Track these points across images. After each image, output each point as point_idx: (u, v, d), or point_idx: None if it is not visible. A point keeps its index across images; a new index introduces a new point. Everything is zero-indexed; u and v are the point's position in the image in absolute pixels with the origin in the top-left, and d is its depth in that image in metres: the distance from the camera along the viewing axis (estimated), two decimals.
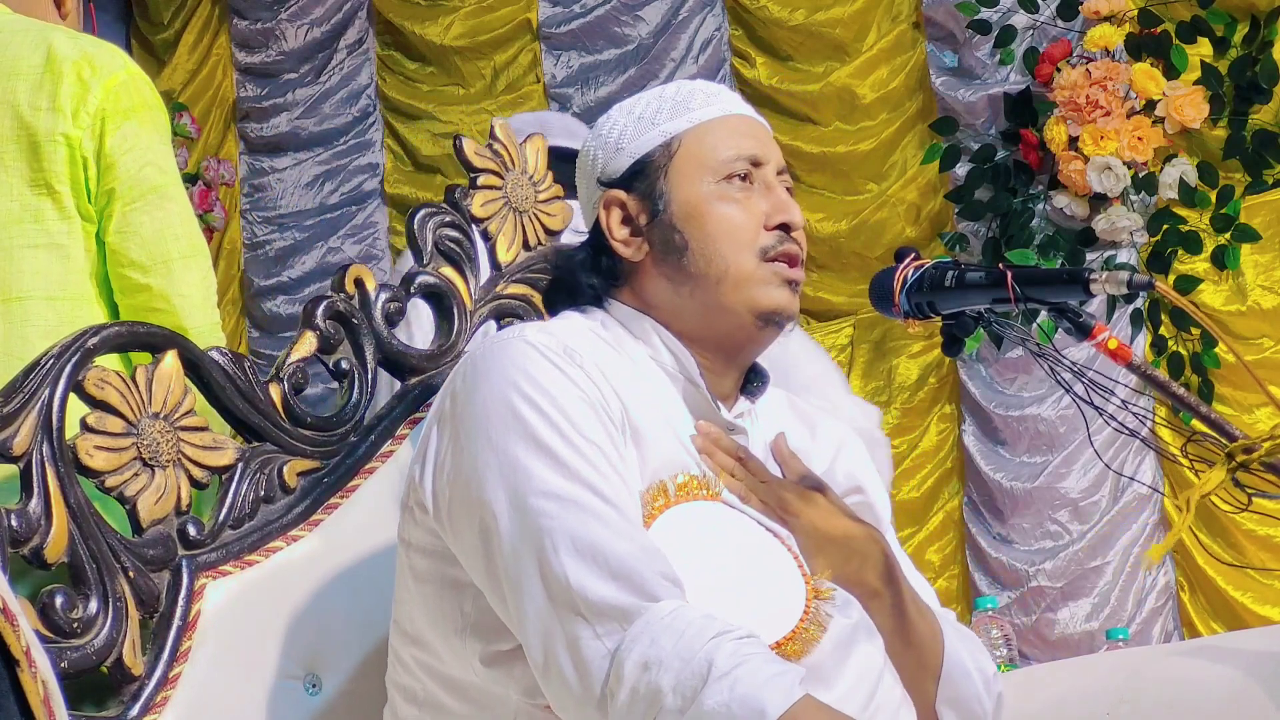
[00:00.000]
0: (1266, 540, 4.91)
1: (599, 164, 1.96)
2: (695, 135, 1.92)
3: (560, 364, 1.79)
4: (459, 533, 1.78)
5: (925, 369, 5.48)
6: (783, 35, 5.73)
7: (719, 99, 1.96)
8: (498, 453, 1.74)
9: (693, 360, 1.89)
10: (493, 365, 1.80)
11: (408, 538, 1.86)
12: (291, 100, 6.46)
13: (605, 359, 1.84)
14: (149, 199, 2.29)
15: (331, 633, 2.06)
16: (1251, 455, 1.66)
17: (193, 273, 2.31)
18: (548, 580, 1.67)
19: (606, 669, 1.63)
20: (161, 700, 1.90)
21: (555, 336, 1.82)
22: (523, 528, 1.70)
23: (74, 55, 2.28)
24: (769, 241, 1.88)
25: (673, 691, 1.59)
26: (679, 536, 1.76)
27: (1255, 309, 5.03)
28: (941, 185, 5.49)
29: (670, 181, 1.91)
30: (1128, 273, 1.75)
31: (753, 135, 1.94)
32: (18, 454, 1.82)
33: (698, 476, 1.82)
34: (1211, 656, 2.07)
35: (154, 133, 2.32)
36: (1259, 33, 5.05)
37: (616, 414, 1.79)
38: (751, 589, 1.78)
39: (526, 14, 6.11)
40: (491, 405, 1.77)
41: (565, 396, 1.76)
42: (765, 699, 1.57)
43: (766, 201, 1.90)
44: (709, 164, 1.90)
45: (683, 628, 1.62)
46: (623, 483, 1.74)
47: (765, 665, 1.60)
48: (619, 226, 1.93)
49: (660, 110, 1.94)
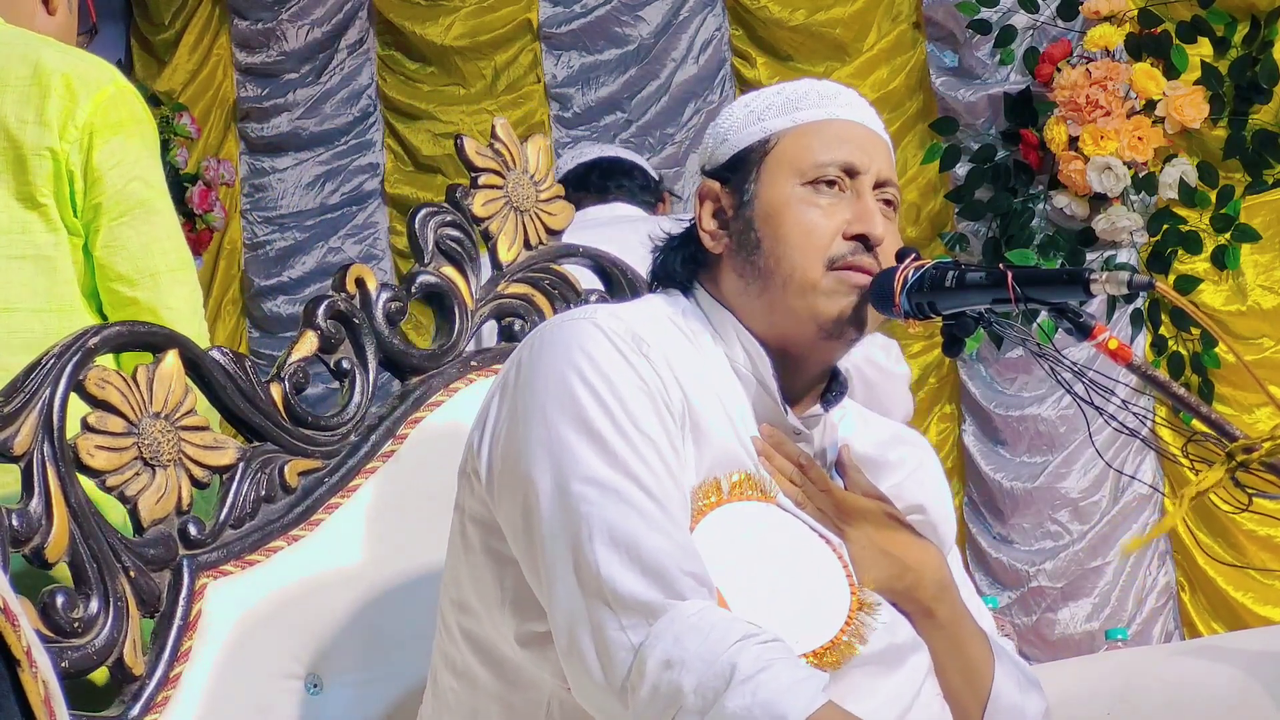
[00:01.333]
0: (1267, 540, 4.91)
1: (706, 151, 1.96)
2: (795, 135, 1.90)
3: (625, 351, 1.78)
4: (503, 505, 1.78)
5: (925, 369, 5.48)
6: (783, 35, 5.74)
7: (833, 102, 1.92)
8: (549, 431, 1.74)
9: (767, 360, 1.87)
10: (559, 343, 1.79)
11: (463, 504, 1.86)
12: (292, 100, 6.46)
13: (675, 349, 1.83)
14: (135, 213, 2.29)
15: (332, 633, 2.06)
16: (1251, 455, 1.66)
17: (180, 286, 2.30)
18: (579, 566, 1.67)
19: (629, 662, 1.63)
20: (162, 700, 1.90)
21: (625, 322, 1.81)
22: (563, 510, 1.70)
23: (62, 69, 2.28)
24: (841, 250, 1.85)
25: (694, 692, 1.59)
26: (725, 534, 1.75)
27: (1255, 309, 5.03)
28: (941, 185, 5.49)
29: (761, 179, 1.89)
30: (1128, 273, 1.75)
31: (855, 142, 1.90)
32: (18, 454, 1.82)
33: (754, 477, 1.81)
34: (1212, 656, 2.07)
35: (142, 147, 2.32)
36: (1259, 33, 5.05)
37: (677, 407, 1.78)
38: (791, 594, 1.77)
39: (527, 14, 6.11)
40: (551, 384, 1.76)
41: (625, 384, 1.76)
42: (787, 705, 1.56)
43: (851, 210, 1.87)
44: (800, 166, 1.88)
45: (708, 629, 1.61)
46: (670, 478, 1.74)
47: (789, 671, 1.59)
48: (709, 217, 1.92)
49: (770, 106, 1.92)
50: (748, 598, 1.71)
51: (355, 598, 2.09)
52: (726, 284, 1.91)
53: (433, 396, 2.22)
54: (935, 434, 5.45)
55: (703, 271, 1.93)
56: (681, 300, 1.93)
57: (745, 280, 1.88)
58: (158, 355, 1.97)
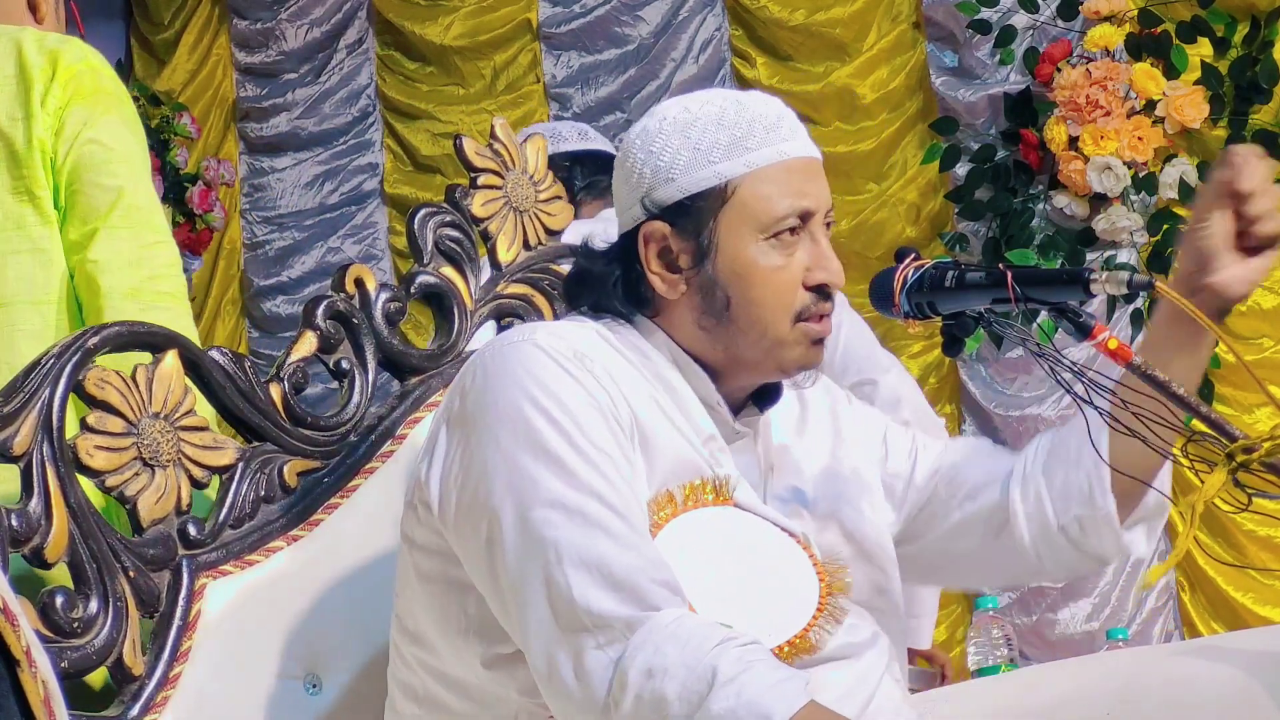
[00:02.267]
0: (1267, 540, 4.91)
1: (645, 183, 1.89)
2: (750, 184, 1.86)
3: (571, 369, 1.78)
4: (464, 537, 1.78)
5: (925, 369, 5.48)
6: (783, 35, 5.74)
7: (777, 134, 1.88)
8: (506, 460, 1.74)
9: (708, 381, 1.88)
10: (503, 368, 1.79)
11: (411, 535, 1.86)
12: (291, 100, 6.46)
13: (615, 364, 1.84)
14: (85, 178, 2.27)
15: (331, 633, 2.06)
16: (1252, 455, 1.65)
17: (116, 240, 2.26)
18: (551, 591, 1.68)
19: (610, 678, 1.63)
20: (162, 700, 1.90)
21: (565, 340, 1.82)
22: (527, 537, 1.70)
23: (40, 60, 2.28)
24: (805, 303, 1.86)
25: (678, 698, 1.59)
26: (684, 545, 1.76)
27: (1255, 309, 5.03)
28: (941, 185, 5.49)
29: (720, 231, 1.86)
30: (1128, 273, 1.75)
31: (808, 183, 1.89)
32: (18, 454, 1.82)
33: (708, 480, 1.82)
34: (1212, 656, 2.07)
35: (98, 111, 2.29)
36: (1259, 33, 5.06)
37: (625, 420, 1.79)
38: (759, 590, 1.78)
39: (526, 14, 6.11)
40: (501, 410, 1.76)
41: (575, 403, 1.76)
42: (771, 704, 1.57)
43: (809, 255, 1.87)
44: (762, 221, 1.85)
45: (686, 635, 1.62)
46: (630, 491, 1.74)
47: (770, 671, 1.61)
48: (656, 259, 1.89)
49: (717, 145, 1.86)
50: (715, 601, 1.72)
51: (355, 598, 2.08)
52: (678, 325, 1.89)
53: (432, 397, 2.22)
54: None
55: (643, 310, 1.91)
56: (617, 326, 1.91)
57: (706, 331, 1.88)
58: (157, 355, 1.97)
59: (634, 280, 1.90)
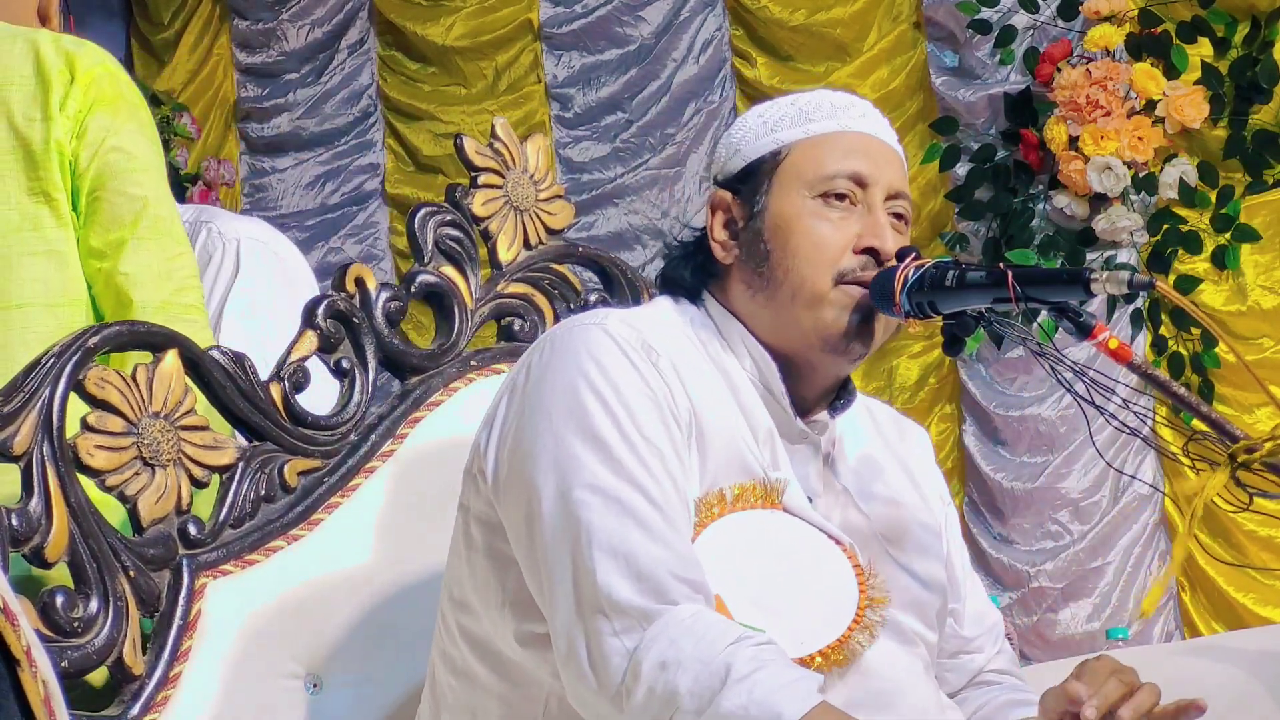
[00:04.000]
0: (1267, 540, 4.91)
1: (720, 161, 1.96)
2: (805, 147, 1.89)
3: (634, 359, 1.79)
4: (508, 508, 1.79)
5: (925, 369, 5.48)
6: (783, 35, 5.74)
7: (846, 113, 1.92)
8: (555, 437, 1.75)
9: (774, 368, 1.88)
10: (569, 348, 1.80)
11: (468, 504, 1.87)
12: (292, 100, 6.46)
13: (684, 357, 1.84)
14: (109, 186, 2.27)
15: (332, 633, 2.06)
16: (1253, 455, 1.66)
17: (144, 253, 2.27)
18: (577, 572, 1.68)
19: (624, 666, 1.64)
20: (162, 700, 1.90)
21: (636, 329, 1.82)
22: (564, 516, 1.71)
23: (58, 61, 2.28)
24: (850, 264, 1.85)
25: (690, 693, 1.60)
26: (728, 544, 1.76)
27: (1255, 309, 5.03)
28: (941, 185, 5.49)
29: (772, 191, 1.89)
30: (1128, 273, 1.75)
31: (866, 154, 1.90)
32: (18, 453, 1.82)
33: (759, 483, 1.81)
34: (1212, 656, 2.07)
35: (124, 120, 2.29)
36: (1259, 33, 5.05)
37: (684, 415, 1.79)
38: (798, 595, 1.77)
39: (528, 14, 6.12)
40: (559, 389, 1.77)
41: (632, 392, 1.77)
42: (782, 703, 1.57)
43: (861, 224, 1.87)
44: (810, 178, 1.88)
45: (702, 631, 1.63)
46: (674, 486, 1.74)
47: (783, 671, 1.61)
48: (720, 228, 1.92)
49: (783, 117, 1.92)
50: (751, 605, 1.72)
51: (355, 597, 2.08)
52: (735, 294, 1.91)
53: (432, 396, 2.22)
54: (935, 434, 5.44)
55: (712, 281, 1.93)
56: (690, 308, 1.93)
57: (753, 290, 1.89)
58: (157, 355, 1.97)
59: (701, 251, 1.94)
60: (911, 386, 5.49)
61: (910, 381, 5.49)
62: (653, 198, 5.91)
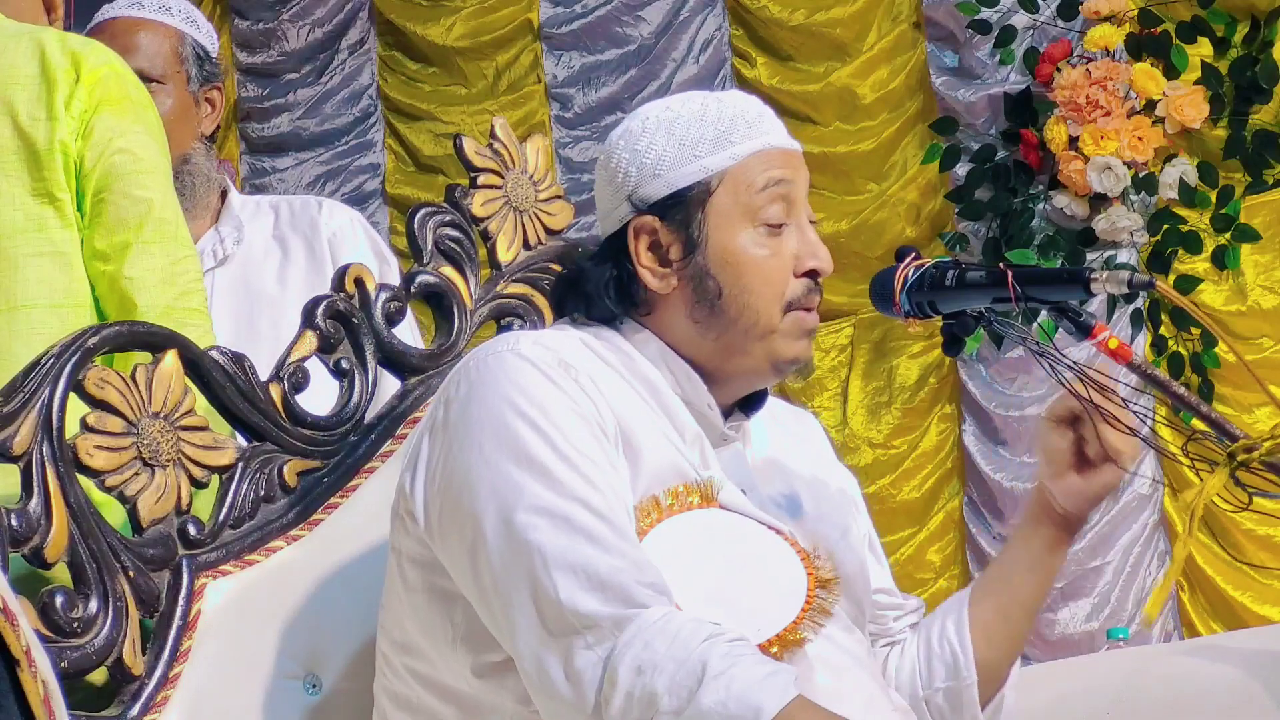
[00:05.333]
0: (1266, 540, 4.92)
1: (630, 181, 1.91)
2: (735, 175, 1.88)
3: (555, 377, 1.79)
4: (448, 545, 1.78)
5: (925, 369, 5.48)
6: (783, 35, 5.74)
7: (759, 127, 1.92)
8: (489, 466, 1.74)
9: (698, 381, 1.89)
10: (487, 378, 1.80)
11: (399, 546, 1.86)
12: (293, 100, 6.46)
13: (601, 371, 1.84)
14: (114, 188, 2.27)
15: (331, 632, 2.06)
16: (1252, 455, 1.66)
17: (149, 257, 2.27)
18: (538, 595, 1.68)
19: (599, 676, 1.64)
20: (162, 700, 1.90)
21: (550, 350, 1.82)
22: (511, 542, 1.71)
23: (64, 61, 2.28)
24: (797, 292, 1.87)
25: (668, 693, 1.60)
26: (672, 548, 1.77)
27: (1255, 309, 5.03)
28: (941, 185, 5.50)
29: (709, 221, 1.88)
30: (1128, 272, 1.75)
31: (789, 172, 1.90)
32: (18, 454, 1.82)
33: (693, 484, 1.82)
34: (1212, 656, 2.07)
35: (130, 121, 2.29)
36: (1259, 33, 5.06)
37: (610, 427, 1.80)
38: (746, 587, 1.78)
39: (528, 14, 6.12)
40: (485, 419, 1.77)
41: (559, 411, 1.77)
42: (761, 697, 1.58)
43: (797, 243, 1.89)
44: (746, 208, 1.87)
45: (675, 631, 1.63)
46: (615, 496, 1.75)
47: (759, 665, 1.62)
48: (647, 254, 1.90)
49: (702, 140, 1.89)
50: (704, 602, 1.73)
51: (355, 598, 2.08)
52: (670, 322, 1.90)
53: (432, 396, 2.22)
54: (935, 434, 5.45)
55: (634, 309, 1.92)
56: (595, 329, 1.92)
57: (699, 323, 1.89)
58: (157, 355, 1.97)
59: (625, 279, 1.91)
60: (911, 386, 5.49)
61: (910, 381, 5.49)
62: None
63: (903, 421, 5.45)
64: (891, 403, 5.46)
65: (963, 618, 1.99)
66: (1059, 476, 1.93)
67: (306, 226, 2.93)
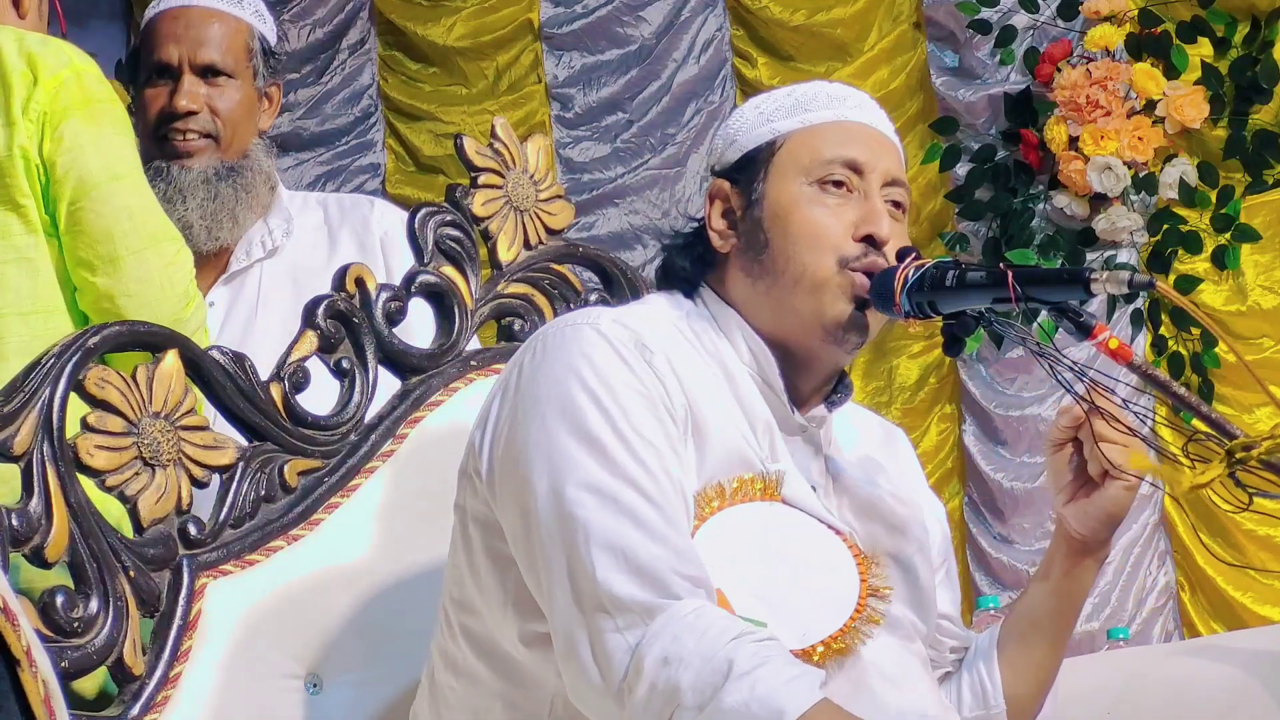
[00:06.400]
0: (1266, 540, 4.91)
1: (716, 152, 1.98)
2: (802, 136, 1.91)
3: (627, 357, 1.79)
4: (504, 507, 1.79)
5: (925, 369, 5.48)
6: (784, 35, 5.74)
7: (842, 104, 1.94)
8: (548, 436, 1.75)
9: (772, 359, 1.89)
10: (561, 348, 1.80)
11: (464, 504, 1.87)
12: (293, 101, 6.45)
13: (679, 353, 1.84)
14: (91, 195, 2.25)
15: (332, 633, 2.06)
16: (1251, 454, 1.66)
17: (144, 267, 2.26)
18: (575, 571, 1.69)
19: (626, 662, 1.64)
20: (162, 700, 1.90)
21: (629, 328, 1.82)
22: (558, 515, 1.71)
23: (20, 64, 2.25)
24: (852, 251, 1.87)
25: (692, 689, 1.60)
26: (727, 537, 1.77)
27: (1255, 309, 5.03)
28: (941, 185, 5.49)
29: (769, 179, 1.90)
30: (1128, 272, 1.75)
31: (861, 142, 1.91)
32: (18, 453, 1.83)
33: (759, 476, 1.82)
34: (1212, 656, 2.07)
35: (97, 127, 2.26)
36: (1259, 33, 5.06)
37: (680, 411, 1.80)
38: (799, 587, 1.78)
39: (528, 14, 6.11)
40: (551, 389, 1.78)
41: (625, 391, 1.77)
42: (784, 700, 1.58)
43: (858, 211, 1.88)
44: (806, 165, 1.89)
45: (705, 627, 1.63)
46: (671, 483, 1.74)
47: (785, 667, 1.61)
48: (718, 217, 1.94)
49: (779, 108, 1.94)
50: (753, 597, 1.72)
51: (355, 597, 2.09)
52: (733, 283, 1.92)
53: (432, 396, 2.22)
54: (935, 434, 5.45)
55: (710, 271, 1.94)
56: (685, 302, 1.94)
57: (752, 279, 1.89)
58: (157, 355, 1.97)
59: (700, 242, 1.95)
60: (911, 386, 5.49)
61: (910, 381, 5.49)
62: (653, 198, 5.91)
63: (903, 421, 5.44)
64: (891, 403, 5.45)
65: (992, 647, 1.99)
66: (1069, 499, 1.92)
67: (357, 223, 2.92)
